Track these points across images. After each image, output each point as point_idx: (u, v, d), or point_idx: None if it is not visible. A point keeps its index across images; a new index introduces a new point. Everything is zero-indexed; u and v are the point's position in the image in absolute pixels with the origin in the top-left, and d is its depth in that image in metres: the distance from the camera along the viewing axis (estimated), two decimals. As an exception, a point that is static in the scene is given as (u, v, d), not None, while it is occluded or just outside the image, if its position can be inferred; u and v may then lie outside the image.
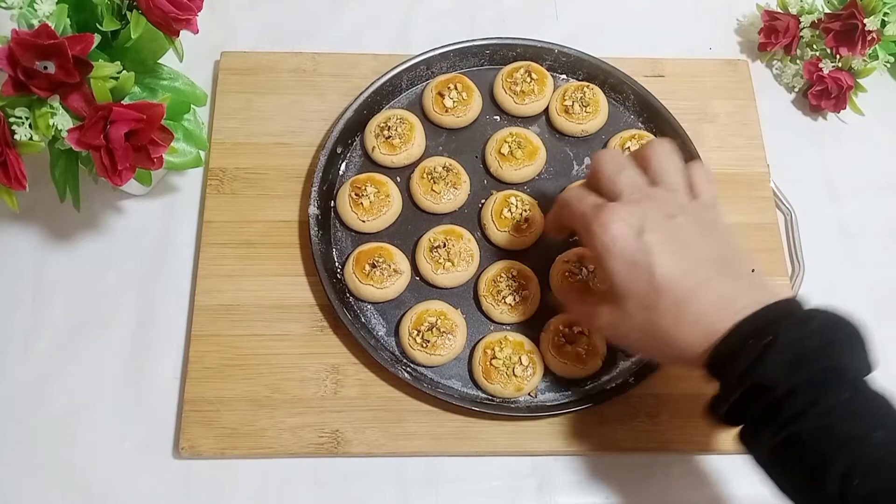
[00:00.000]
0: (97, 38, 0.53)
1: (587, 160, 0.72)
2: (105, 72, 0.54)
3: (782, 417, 0.45)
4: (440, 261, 0.65)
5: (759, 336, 0.46)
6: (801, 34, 0.78)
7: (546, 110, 0.73)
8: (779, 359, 0.45)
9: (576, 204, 0.55)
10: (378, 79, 0.71)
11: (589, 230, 0.52)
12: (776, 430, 0.45)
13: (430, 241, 0.66)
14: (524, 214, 0.67)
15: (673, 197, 0.53)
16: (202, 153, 0.65)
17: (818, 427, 0.44)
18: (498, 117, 0.73)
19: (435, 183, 0.68)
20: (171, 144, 0.57)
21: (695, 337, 0.48)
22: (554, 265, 0.66)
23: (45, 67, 0.51)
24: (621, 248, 0.50)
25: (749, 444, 0.48)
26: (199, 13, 0.59)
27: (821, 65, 0.76)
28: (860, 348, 0.48)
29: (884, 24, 0.73)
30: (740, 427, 0.48)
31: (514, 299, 0.64)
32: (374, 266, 0.64)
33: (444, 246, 0.65)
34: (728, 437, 0.63)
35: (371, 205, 0.67)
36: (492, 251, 0.68)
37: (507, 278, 0.65)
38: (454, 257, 0.65)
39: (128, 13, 0.57)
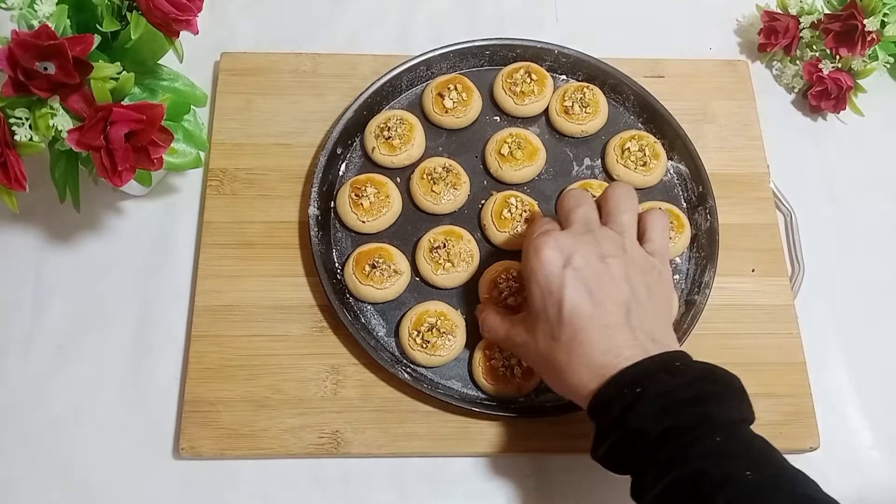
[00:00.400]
0: (97, 39, 0.53)
1: (587, 161, 0.72)
2: (105, 72, 0.54)
3: (659, 463, 0.45)
4: (440, 261, 0.65)
5: (632, 385, 0.47)
6: (801, 35, 0.78)
7: (546, 111, 0.73)
8: (649, 407, 0.46)
9: (531, 225, 0.57)
10: (378, 79, 0.71)
11: (526, 250, 0.54)
12: (656, 477, 0.46)
13: (430, 241, 0.66)
14: (524, 215, 0.67)
15: (616, 238, 0.54)
16: (202, 154, 0.65)
17: (696, 471, 0.44)
18: (498, 118, 0.73)
19: (435, 183, 0.68)
20: (171, 145, 0.57)
21: (581, 379, 0.50)
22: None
23: (45, 68, 0.51)
24: (544, 273, 0.51)
25: (638, 497, 0.48)
26: (198, 14, 0.59)
27: (820, 65, 0.76)
28: (735, 399, 0.49)
29: (883, 24, 0.74)
30: (630, 484, 0.48)
31: (515, 300, 0.64)
32: (374, 266, 0.64)
33: (444, 246, 0.65)
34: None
35: (371, 205, 0.67)
36: (492, 251, 0.68)
37: (508, 279, 0.65)
38: (454, 258, 0.65)
39: (128, 14, 0.57)
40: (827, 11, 0.77)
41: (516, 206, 0.67)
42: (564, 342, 0.50)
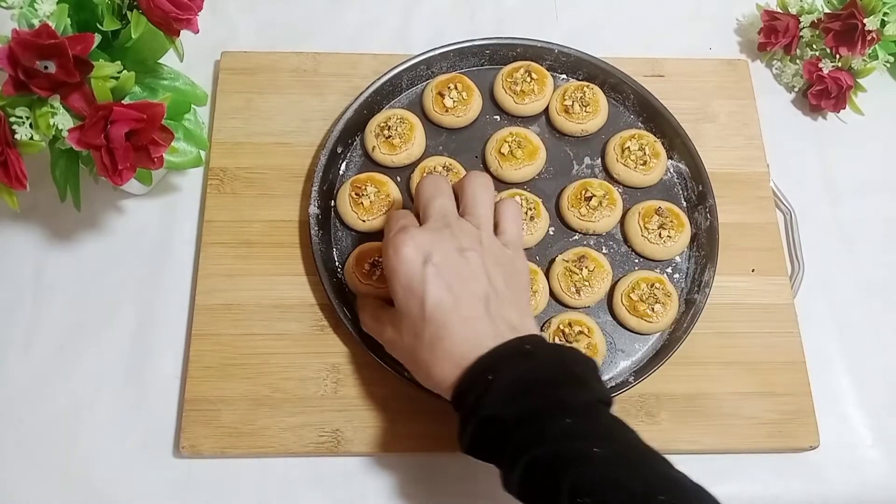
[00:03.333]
0: (98, 38, 0.53)
1: (587, 160, 0.72)
2: (105, 71, 0.54)
3: (513, 448, 0.46)
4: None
5: (486, 373, 0.48)
6: (801, 34, 0.78)
7: (546, 110, 0.73)
8: (501, 393, 0.47)
9: (388, 221, 0.57)
10: (378, 78, 0.71)
11: (385, 249, 0.54)
12: (513, 463, 0.46)
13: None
14: (529, 213, 0.67)
15: (473, 231, 0.55)
16: (202, 153, 0.65)
17: (547, 453, 0.45)
18: (498, 117, 0.73)
19: (435, 182, 0.68)
20: (172, 144, 0.57)
21: (443, 372, 0.51)
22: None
23: (46, 67, 0.51)
24: (405, 272, 0.52)
25: (506, 486, 0.48)
26: (199, 13, 0.59)
27: (820, 64, 0.76)
28: (587, 380, 0.49)
29: (883, 23, 0.74)
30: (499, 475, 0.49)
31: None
32: (374, 265, 0.64)
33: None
34: (727, 437, 0.63)
35: (371, 204, 0.67)
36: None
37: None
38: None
39: (128, 13, 0.57)
40: (827, 10, 0.77)
41: (522, 205, 0.67)
42: (427, 338, 0.51)
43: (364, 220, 0.67)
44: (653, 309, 0.64)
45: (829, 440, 0.64)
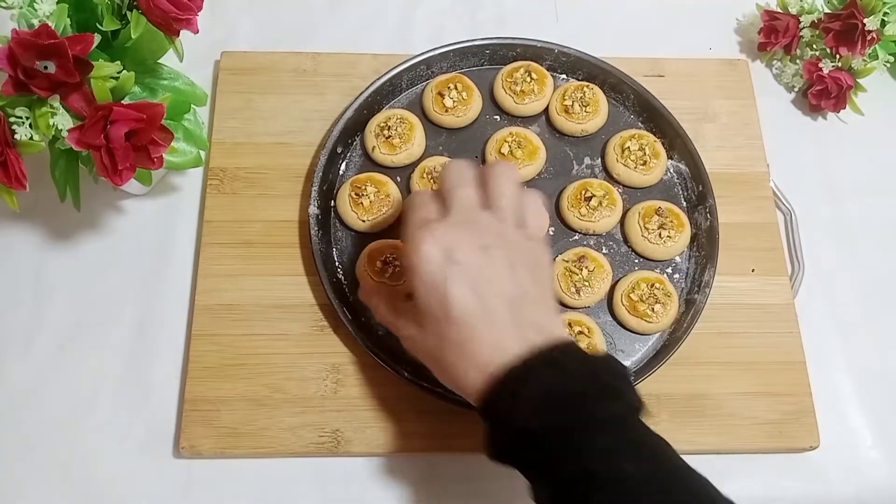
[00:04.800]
0: (97, 38, 0.53)
1: (587, 160, 0.72)
2: (105, 71, 0.54)
3: (543, 462, 0.45)
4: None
5: (515, 382, 0.46)
6: (801, 34, 0.78)
7: (546, 110, 0.73)
8: (531, 405, 0.45)
9: (410, 212, 0.54)
10: (378, 78, 0.71)
11: (405, 243, 0.52)
12: (544, 477, 0.45)
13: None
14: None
15: (498, 225, 0.52)
16: (202, 153, 0.65)
17: (579, 471, 0.44)
18: (498, 117, 0.73)
19: (435, 182, 0.68)
20: (172, 144, 0.57)
21: (469, 377, 0.48)
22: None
23: (46, 67, 0.51)
24: (426, 270, 0.49)
25: (537, 500, 0.47)
26: (199, 13, 0.59)
27: (821, 64, 0.76)
28: (620, 390, 0.48)
29: (883, 23, 0.74)
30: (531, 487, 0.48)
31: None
32: (386, 263, 0.64)
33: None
34: (727, 437, 0.63)
35: (371, 204, 0.67)
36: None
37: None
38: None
39: (128, 13, 0.57)
40: (827, 10, 0.77)
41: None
42: (452, 340, 0.49)
43: (364, 220, 0.67)
44: (653, 309, 0.64)
45: (830, 440, 0.64)
